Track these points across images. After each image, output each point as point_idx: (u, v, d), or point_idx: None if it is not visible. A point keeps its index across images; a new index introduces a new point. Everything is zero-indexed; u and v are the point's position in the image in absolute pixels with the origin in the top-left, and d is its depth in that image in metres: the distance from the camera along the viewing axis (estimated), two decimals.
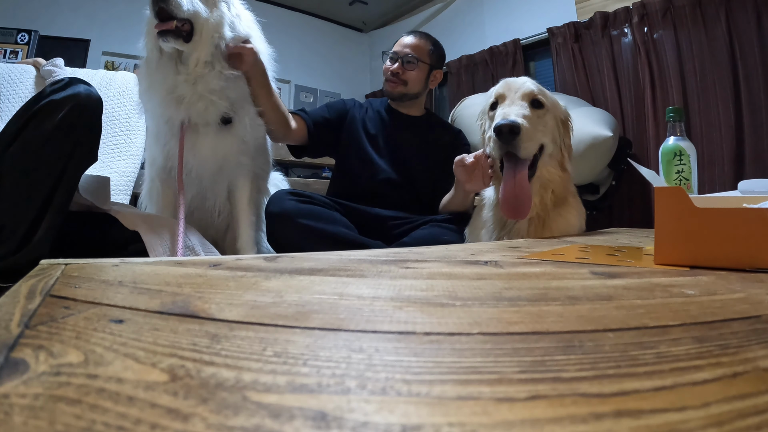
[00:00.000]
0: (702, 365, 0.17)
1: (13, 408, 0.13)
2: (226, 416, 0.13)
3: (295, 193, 1.17)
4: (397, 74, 1.41)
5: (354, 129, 1.44)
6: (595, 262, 0.46)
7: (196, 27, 0.99)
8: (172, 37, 0.96)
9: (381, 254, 0.51)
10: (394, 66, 1.41)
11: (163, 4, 0.93)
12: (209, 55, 1.01)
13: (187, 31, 0.98)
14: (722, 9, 1.85)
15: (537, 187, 0.97)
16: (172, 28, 0.95)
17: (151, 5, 0.95)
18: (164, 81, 1.01)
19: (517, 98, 0.95)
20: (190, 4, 0.97)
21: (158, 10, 0.94)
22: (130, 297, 0.27)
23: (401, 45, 1.44)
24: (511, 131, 0.87)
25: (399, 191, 1.39)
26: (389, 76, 1.43)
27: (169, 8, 0.94)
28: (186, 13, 0.96)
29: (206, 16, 1.00)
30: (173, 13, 0.94)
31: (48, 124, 0.74)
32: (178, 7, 0.94)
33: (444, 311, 0.24)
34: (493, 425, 0.12)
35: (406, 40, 1.44)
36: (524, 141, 0.88)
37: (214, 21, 1.01)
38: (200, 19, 0.99)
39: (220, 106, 1.04)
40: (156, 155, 1.12)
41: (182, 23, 0.97)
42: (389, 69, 1.42)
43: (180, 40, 0.97)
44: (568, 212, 1.01)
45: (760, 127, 1.77)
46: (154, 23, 0.97)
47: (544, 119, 0.96)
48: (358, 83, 3.90)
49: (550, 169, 0.98)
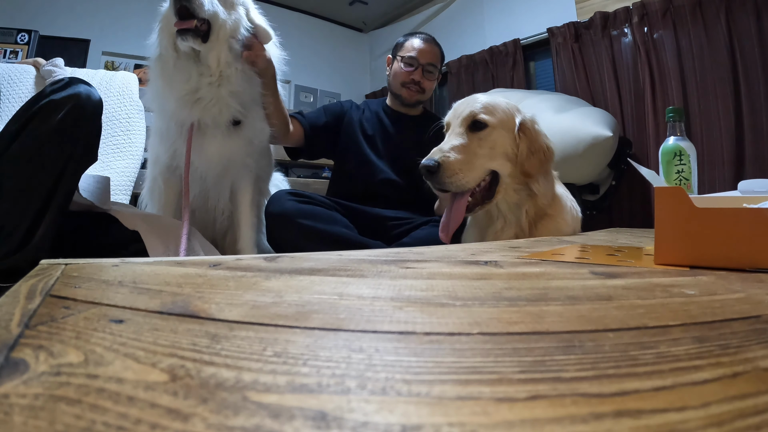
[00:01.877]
0: (702, 365, 0.17)
1: (13, 408, 0.13)
2: (226, 416, 0.13)
3: (294, 194, 1.17)
4: (418, 83, 1.42)
5: (351, 131, 1.44)
6: (595, 262, 0.46)
7: (214, 28, 1.00)
8: (192, 37, 0.96)
9: (381, 254, 0.51)
10: (414, 74, 1.41)
11: (186, 2, 0.93)
12: (229, 55, 1.02)
13: (204, 31, 0.99)
14: (722, 9, 1.85)
15: (505, 209, 0.94)
16: (192, 27, 0.95)
17: (172, 3, 0.95)
18: (187, 81, 1.01)
19: (457, 125, 0.90)
20: (210, 4, 0.98)
21: (179, 8, 0.94)
22: (130, 297, 0.27)
23: (421, 53, 1.42)
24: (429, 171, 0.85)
25: (398, 191, 1.39)
26: (410, 84, 1.42)
27: (192, 7, 0.94)
28: (207, 13, 0.97)
29: (224, 17, 1.01)
30: (195, 12, 0.95)
31: (48, 124, 0.74)
32: (200, 6, 0.95)
33: (444, 311, 0.24)
34: (493, 425, 0.12)
35: (425, 48, 1.43)
36: (448, 177, 0.85)
37: (231, 23, 1.02)
38: (218, 21, 1.00)
39: (233, 109, 1.05)
40: (160, 154, 1.12)
41: (201, 23, 0.97)
42: (410, 76, 1.41)
43: (198, 39, 0.98)
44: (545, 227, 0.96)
45: (760, 127, 1.77)
46: (171, 20, 0.97)
47: (488, 140, 0.90)
48: (358, 83, 3.90)
49: (510, 192, 0.93)
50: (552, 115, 1.88)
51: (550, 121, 1.85)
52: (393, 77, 1.46)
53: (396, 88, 1.46)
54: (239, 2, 1.05)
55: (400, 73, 1.43)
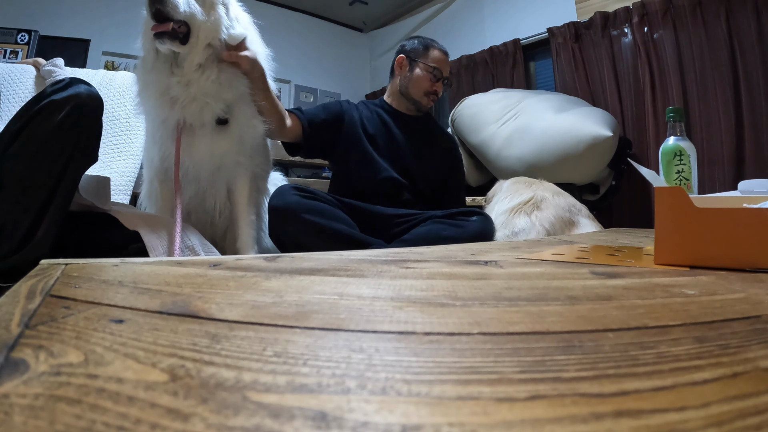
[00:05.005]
0: (702, 365, 0.17)
1: (13, 408, 0.13)
2: (226, 416, 0.13)
3: (299, 188, 1.17)
4: (437, 92, 1.47)
5: (353, 129, 1.44)
6: (595, 262, 0.46)
7: (193, 29, 0.99)
8: (168, 39, 0.96)
9: (381, 254, 0.51)
10: (437, 85, 1.46)
11: (159, 5, 0.93)
12: (203, 58, 1.01)
13: (183, 33, 0.98)
14: (722, 9, 1.85)
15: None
16: (168, 30, 0.95)
17: (147, 6, 0.95)
18: (158, 82, 1.00)
19: None
20: (186, 5, 0.96)
21: (155, 12, 0.94)
22: (130, 297, 0.27)
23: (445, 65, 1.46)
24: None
25: (400, 189, 1.40)
26: (432, 94, 1.46)
27: (166, 10, 0.93)
28: (183, 15, 0.96)
29: (203, 18, 1.00)
30: (170, 14, 0.94)
31: (48, 124, 0.74)
32: (174, 8, 0.94)
33: (444, 311, 0.24)
34: (493, 425, 0.12)
35: (446, 60, 1.48)
36: None
37: (210, 24, 1.01)
38: (197, 22, 0.99)
39: (215, 108, 1.04)
40: (153, 156, 1.12)
41: (179, 25, 0.97)
42: (434, 87, 1.45)
43: (176, 42, 0.97)
44: None
45: (760, 126, 1.77)
46: (150, 24, 0.97)
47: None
48: (358, 83, 3.90)
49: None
50: (552, 115, 1.88)
51: (550, 121, 1.85)
52: (414, 83, 1.46)
53: (416, 94, 1.46)
54: (219, 1, 1.04)
55: (426, 82, 1.45)
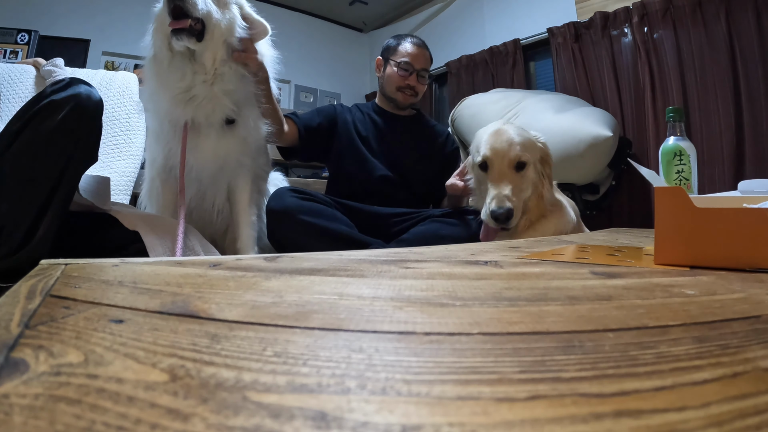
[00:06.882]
0: (702, 365, 0.17)
1: (13, 408, 0.13)
2: (226, 416, 0.13)
3: (296, 191, 1.18)
4: (413, 87, 1.46)
5: (346, 132, 1.46)
6: (595, 262, 0.46)
7: (208, 27, 1.00)
8: (186, 36, 0.97)
9: (381, 254, 0.51)
10: (409, 79, 1.45)
11: (179, 2, 0.94)
12: (224, 54, 1.02)
13: (198, 31, 0.99)
14: (722, 9, 1.85)
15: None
16: (186, 27, 0.96)
17: (166, 3, 0.95)
18: (181, 80, 1.01)
19: (504, 166, 1.04)
20: (204, 3, 0.98)
21: (173, 8, 0.94)
22: (130, 297, 0.27)
23: (415, 58, 1.45)
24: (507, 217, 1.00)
25: (395, 188, 1.41)
26: (405, 89, 1.46)
27: (186, 6, 0.94)
28: (200, 13, 0.97)
29: (218, 17, 1.01)
30: (189, 11, 0.95)
31: (48, 124, 0.74)
32: (194, 6, 0.95)
33: (444, 311, 0.24)
34: (493, 425, 0.12)
35: (418, 53, 1.46)
36: (514, 219, 1.01)
37: (225, 22, 1.02)
38: (212, 20, 1.00)
39: (227, 108, 1.05)
40: (156, 155, 1.12)
41: (195, 22, 0.98)
42: (405, 81, 1.45)
43: (193, 39, 0.98)
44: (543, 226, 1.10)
45: (760, 126, 1.77)
46: (165, 21, 0.98)
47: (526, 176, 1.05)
48: (358, 83, 3.90)
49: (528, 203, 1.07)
50: (552, 115, 1.88)
51: (550, 121, 1.85)
52: (387, 81, 1.49)
53: (391, 91, 1.48)
54: (232, 1, 1.06)
55: (396, 78, 1.46)
